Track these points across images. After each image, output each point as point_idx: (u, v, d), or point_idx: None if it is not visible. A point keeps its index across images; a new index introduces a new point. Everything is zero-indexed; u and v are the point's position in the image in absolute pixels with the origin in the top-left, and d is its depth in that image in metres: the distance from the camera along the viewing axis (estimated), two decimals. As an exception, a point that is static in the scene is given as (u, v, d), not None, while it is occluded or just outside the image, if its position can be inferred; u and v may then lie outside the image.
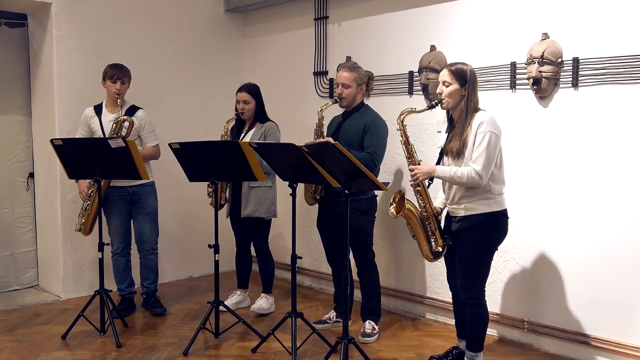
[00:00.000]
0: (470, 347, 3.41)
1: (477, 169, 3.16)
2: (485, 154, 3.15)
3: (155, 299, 4.70)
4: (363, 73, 4.08)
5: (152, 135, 4.58)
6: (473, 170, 3.17)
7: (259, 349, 3.87)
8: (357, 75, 4.03)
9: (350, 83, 4.02)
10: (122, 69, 4.43)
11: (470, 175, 3.17)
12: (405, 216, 3.44)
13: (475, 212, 3.27)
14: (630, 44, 3.44)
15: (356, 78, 4.02)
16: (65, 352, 3.89)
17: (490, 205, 3.26)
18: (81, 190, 4.46)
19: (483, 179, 3.17)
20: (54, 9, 4.84)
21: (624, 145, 3.50)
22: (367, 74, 4.11)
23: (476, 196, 3.26)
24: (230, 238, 4.83)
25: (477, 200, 3.26)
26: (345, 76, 4.02)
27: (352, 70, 4.04)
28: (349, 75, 4.02)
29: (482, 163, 3.16)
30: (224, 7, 5.84)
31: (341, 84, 4.04)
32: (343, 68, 4.08)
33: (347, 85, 4.02)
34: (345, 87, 4.03)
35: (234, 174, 4.04)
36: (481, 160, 3.16)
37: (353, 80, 4.02)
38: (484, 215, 3.26)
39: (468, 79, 3.25)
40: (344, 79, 4.02)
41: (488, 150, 3.16)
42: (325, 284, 5.28)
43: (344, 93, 4.03)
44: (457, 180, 3.24)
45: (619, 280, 3.54)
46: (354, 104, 4.08)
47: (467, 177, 3.18)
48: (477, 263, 3.32)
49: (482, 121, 3.19)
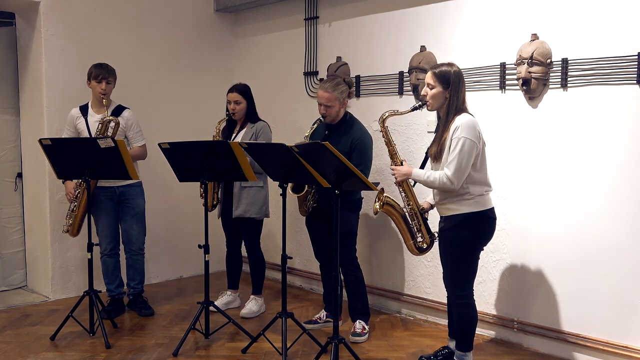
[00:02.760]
0: (460, 346, 3.43)
1: (448, 174, 3.21)
2: (457, 159, 3.18)
3: (142, 300, 4.69)
4: (343, 89, 4.06)
5: (138, 135, 4.56)
6: (445, 175, 3.22)
7: (249, 350, 3.86)
8: (338, 94, 4.02)
9: (332, 103, 4.01)
10: (107, 69, 4.40)
11: (442, 180, 3.23)
12: (386, 211, 3.54)
13: (456, 212, 3.31)
14: (619, 45, 3.46)
15: (337, 97, 4.01)
16: (54, 353, 3.86)
17: (469, 206, 3.29)
18: (68, 191, 4.42)
19: (454, 184, 3.21)
20: (42, 8, 4.81)
21: (613, 146, 3.52)
22: (347, 88, 4.09)
23: (455, 197, 3.30)
24: (220, 238, 4.82)
25: (457, 201, 3.30)
26: (327, 97, 4.01)
27: (333, 90, 4.00)
28: (329, 95, 4.00)
29: (454, 168, 3.19)
30: (214, 7, 5.83)
31: (323, 105, 4.04)
32: (323, 88, 4.05)
33: (329, 106, 4.02)
34: (327, 107, 4.03)
35: (224, 174, 4.03)
36: (452, 165, 3.19)
37: (334, 100, 4.01)
38: (463, 216, 3.29)
39: (451, 81, 3.26)
40: (325, 99, 4.01)
41: (460, 155, 3.18)
42: (315, 284, 5.28)
43: (327, 112, 4.04)
44: (430, 184, 3.32)
45: (608, 280, 3.56)
46: (337, 118, 4.09)
47: (438, 182, 3.24)
48: (460, 262, 3.36)
49: (457, 126, 3.20)
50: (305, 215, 4.24)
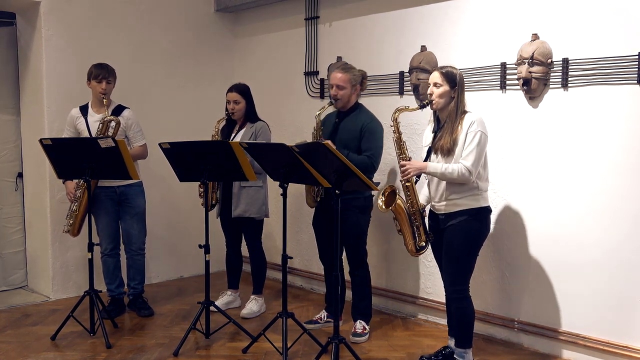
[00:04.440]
0: (460, 343, 3.48)
1: (467, 165, 3.29)
2: (476, 151, 3.30)
3: (142, 300, 4.69)
4: (357, 73, 4.03)
5: (139, 135, 4.56)
6: (463, 166, 3.30)
7: (250, 350, 3.86)
8: (351, 75, 3.98)
9: (345, 84, 3.96)
10: (107, 69, 4.40)
11: (461, 172, 3.30)
12: (395, 211, 3.55)
13: (465, 207, 3.39)
14: (619, 45, 3.46)
15: (350, 79, 3.97)
16: (55, 353, 3.86)
17: (478, 201, 3.41)
18: (68, 191, 4.42)
19: (473, 174, 3.31)
20: (43, 8, 4.82)
21: (613, 145, 3.52)
22: (360, 74, 4.06)
23: (465, 192, 3.39)
24: (220, 238, 4.82)
25: (467, 196, 3.39)
26: (339, 77, 3.96)
27: (346, 71, 3.98)
28: (343, 76, 3.96)
29: (472, 160, 3.30)
30: (215, 7, 5.82)
31: (335, 85, 3.98)
32: (337, 69, 4.02)
33: (341, 87, 3.96)
34: (339, 89, 3.97)
35: (224, 174, 4.03)
36: (471, 157, 3.30)
37: (347, 82, 3.96)
38: (473, 210, 3.39)
39: (458, 81, 3.37)
40: (338, 80, 3.96)
41: (478, 148, 3.30)
42: (316, 284, 5.28)
43: (338, 94, 3.97)
44: (447, 176, 3.35)
45: (608, 280, 3.57)
46: (348, 104, 4.04)
47: (457, 173, 3.31)
48: (468, 256, 3.44)
49: (473, 121, 3.34)
50: (314, 206, 4.19)
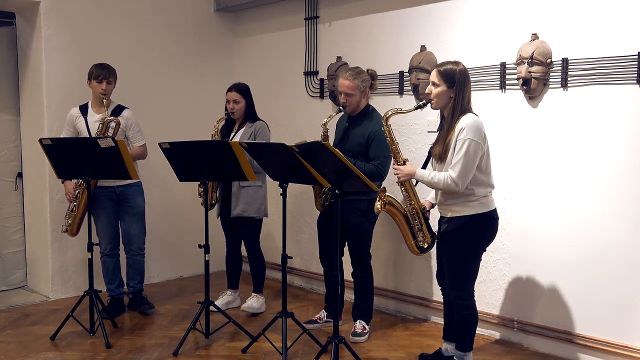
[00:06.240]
0: (460, 346, 3.42)
1: (453, 175, 3.16)
2: (462, 161, 3.14)
3: (141, 297, 4.69)
4: (366, 78, 3.92)
5: (138, 135, 4.55)
6: (449, 177, 3.17)
7: (250, 349, 3.86)
8: (360, 82, 3.87)
9: (353, 91, 3.87)
10: (108, 69, 4.40)
11: (447, 182, 3.18)
12: (388, 211, 3.48)
13: (459, 214, 3.27)
14: (619, 45, 3.46)
15: (359, 85, 3.87)
16: (55, 353, 3.86)
17: (474, 208, 3.25)
18: (67, 191, 4.42)
19: (459, 186, 3.17)
20: (42, 8, 4.81)
21: (613, 145, 3.52)
22: (369, 78, 3.95)
23: (459, 199, 3.26)
24: (220, 238, 4.82)
25: (462, 203, 3.26)
26: (347, 85, 3.86)
27: (355, 78, 3.87)
28: (351, 83, 3.86)
29: (458, 170, 3.15)
30: (214, 7, 5.82)
31: (344, 93, 3.89)
32: (344, 76, 3.90)
33: (349, 94, 3.88)
34: (348, 96, 3.88)
35: (224, 174, 4.03)
36: (458, 167, 3.15)
37: (355, 88, 3.86)
38: (467, 217, 3.26)
39: (457, 80, 3.21)
40: (346, 87, 3.87)
41: (466, 157, 3.13)
42: (315, 284, 5.28)
43: (347, 102, 3.89)
44: (433, 185, 3.28)
45: (609, 280, 3.56)
46: (358, 109, 3.97)
47: (443, 183, 3.20)
48: (463, 264, 3.33)
49: (463, 127, 3.16)
50: (322, 210, 4.16)
